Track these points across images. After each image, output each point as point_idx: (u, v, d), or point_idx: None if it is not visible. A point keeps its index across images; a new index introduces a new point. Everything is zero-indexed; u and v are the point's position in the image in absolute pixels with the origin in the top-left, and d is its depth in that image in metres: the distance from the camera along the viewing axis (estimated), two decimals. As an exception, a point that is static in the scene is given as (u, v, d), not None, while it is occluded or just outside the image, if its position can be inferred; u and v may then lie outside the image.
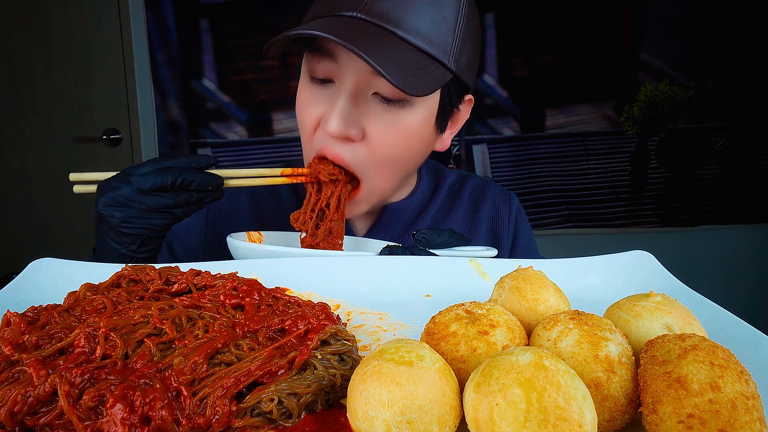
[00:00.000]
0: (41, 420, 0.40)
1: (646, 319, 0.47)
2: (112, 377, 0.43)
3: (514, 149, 2.67)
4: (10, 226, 2.86)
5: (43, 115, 2.73)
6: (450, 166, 2.67)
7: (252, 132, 2.61)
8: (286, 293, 0.62)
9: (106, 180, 0.80)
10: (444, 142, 0.97)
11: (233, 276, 0.64)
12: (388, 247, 0.79)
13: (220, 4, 2.51)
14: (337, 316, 0.60)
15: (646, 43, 2.57)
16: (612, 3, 2.53)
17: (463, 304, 0.49)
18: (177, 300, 0.57)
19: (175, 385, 0.43)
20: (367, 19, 0.79)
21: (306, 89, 0.88)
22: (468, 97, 0.96)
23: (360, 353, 0.55)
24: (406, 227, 1.04)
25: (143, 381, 0.43)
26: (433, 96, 0.87)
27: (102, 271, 0.69)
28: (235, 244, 0.78)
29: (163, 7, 2.51)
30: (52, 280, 0.68)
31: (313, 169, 0.87)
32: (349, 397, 0.41)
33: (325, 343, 0.51)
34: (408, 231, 1.04)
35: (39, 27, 2.65)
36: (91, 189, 0.82)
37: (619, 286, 0.70)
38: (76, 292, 0.59)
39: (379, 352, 0.41)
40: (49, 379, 0.41)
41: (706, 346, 0.39)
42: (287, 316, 0.54)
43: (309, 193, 0.89)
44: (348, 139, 0.85)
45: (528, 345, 0.47)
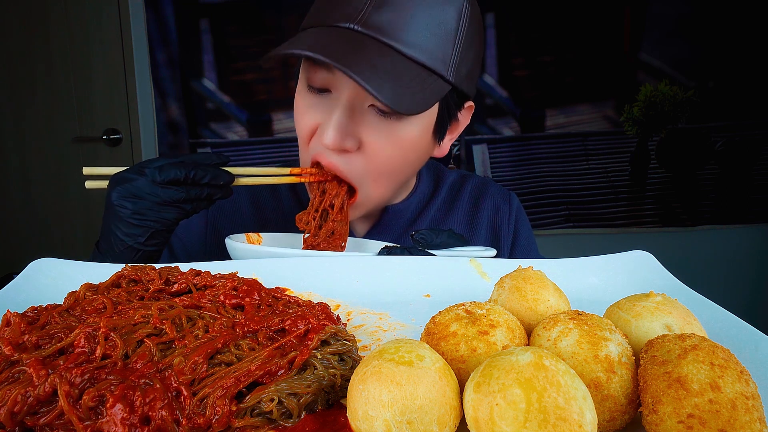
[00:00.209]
0: (41, 420, 0.40)
1: (646, 319, 0.47)
2: (112, 377, 0.43)
3: (514, 149, 2.67)
4: (10, 226, 2.86)
5: (43, 115, 2.73)
6: (450, 166, 2.67)
7: (252, 132, 2.61)
8: (286, 293, 0.62)
9: (119, 172, 0.81)
10: (443, 148, 0.97)
11: (233, 276, 0.64)
12: (386, 247, 0.79)
13: (220, 4, 2.51)
14: (337, 316, 0.60)
15: (646, 43, 2.57)
16: (612, 3, 2.53)
17: (463, 304, 0.49)
18: (177, 300, 0.57)
19: (175, 385, 0.43)
20: (364, 31, 0.77)
21: (303, 97, 0.88)
22: (468, 103, 0.95)
23: (360, 353, 0.55)
24: (406, 228, 1.04)
25: (143, 381, 0.43)
26: (431, 107, 0.86)
27: (102, 271, 0.69)
28: (234, 245, 0.78)
29: (163, 7, 2.51)
30: (52, 280, 0.68)
31: (320, 189, 0.88)
32: (349, 397, 0.41)
33: (325, 343, 0.51)
34: (408, 231, 1.04)
35: (39, 27, 2.65)
36: (103, 185, 0.83)
37: (619, 286, 0.70)
38: (76, 292, 0.59)
39: (379, 352, 0.41)
40: (49, 379, 0.41)
41: (706, 346, 0.39)
42: (287, 316, 0.54)
43: (314, 194, 0.89)
44: (344, 151, 0.85)
45: (528, 345, 0.47)
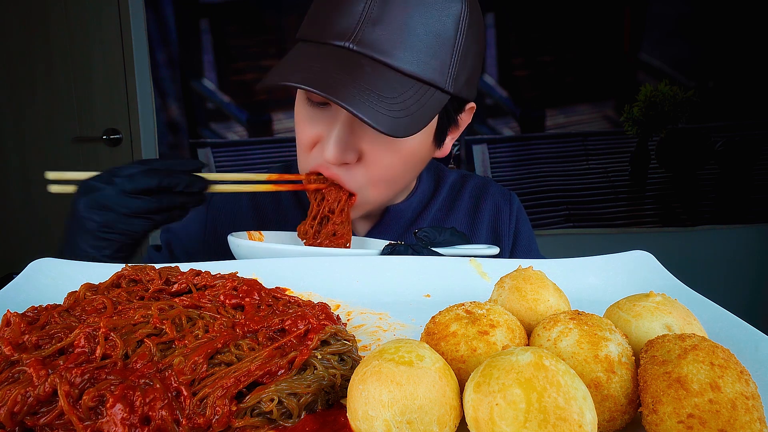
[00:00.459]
0: (41, 420, 0.40)
1: (646, 319, 0.47)
2: (112, 377, 0.43)
3: (514, 149, 2.67)
4: (10, 226, 2.86)
5: (43, 115, 2.73)
6: (450, 166, 2.67)
7: (252, 132, 2.61)
8: (286, 293, 0.62)
9: (88, 180, 0.77)
10: (444, 150, 0.97)
11: (233, 276, 0.64)
12: (390, 245, 0.78)
13: (220, 4, 2.51)
14: (337, 316, 0.60)
15: (646, 43, 2.57)
16: (612, 3, 2.53)
17: (463, 304, 0.49)
18: (177, 300, 0.57)
19: (175, 385, 0.43)
20: (359, 50, 0.76)
21: (303, 108, 0.88)
22: (469, 105, 0.93)
23: (360, 353, 0.55)
24: (406, 228, 1.04)
25: (143, 381, 0.43)
26: None
27: (102, 271, 0.69)
28: (237, 242, 0.78)
29: (163, 7, 2.51)
30: (52, 280, 0.68)
31: (321, 195, 0.88)
32: (349, 397, 0.41)
33: (325, 343, 0.51)
34: (409, 231, 1.04)
35: (39, 27, 2.64)
36: (69, 189, 0.79)
37: (619, 286, 0.70)
38: (76, 292, 0.59)
39: (379, 352, 0.41)
40: (49, 379, 0.41)
41: (706, 346, 0.39)
42: (287, 316, 0.54)
43: (313, 202, 0.89)
44: (344, 164, 0.85)
45: (528, 345, 0.47)
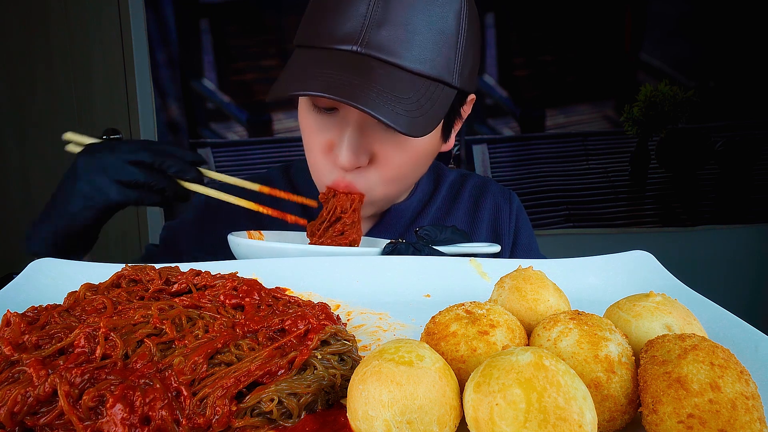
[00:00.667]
0: (41, 420, 0.40)
1: (646, 319, 0.47)
2: (112, 377, 0.43)
3: (514, 149, 2.67)
4: (10, 226, 2.86)
5: (43, 115, 2.73)
6: (450, 166, 2.67)
7: (252, 132, 2.61)
8: (286, 293, 0.62)
9: (93, 143, 0.82)
10: (449, 143, 0.98)
11: (233, 276, 0.64)
12: (391, 242, 0.79)
13: (220, 4, 2.51)
14: (337, 316, 0.60)
15: (647, 42, 2.57)
16: (612, 3, 2.53)
17: (463, 304, 0.49)
18: (177, 300, 0.57)
19: (175, 385, 0.43)
20: (367, 53, 0.76)
21: (310, 116, 0.87)
22: (470, 97, 0.95)
23: (360, 353, 0.55)
24: (406, 227, 1.04)
25: (143, 381, 0.43)
26: None
27: (102, 271, 0.69)
28: (237, 241, 0.78)
29: (163, 7, 2.51)
30: (52, 280, 0.68)
31: (333, 200, 0.88)
32: (349, 397, 0.41)
33: (325, 343, 0.51)
34: (409, 231, 1.04)
35: (39, 27, 2.64)
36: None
37: (619, 286, 0.70)
38: (76, 292, 0.59)
39: (379, 352, 0.41)
40: (49, 379, 0.41)
41: (706, 346, 0.39)
42: (287, 316, 0.54)
43: (326, 207, 0.89)
44: (357, 167, 0.85)
45: (528, 345, 0.47)
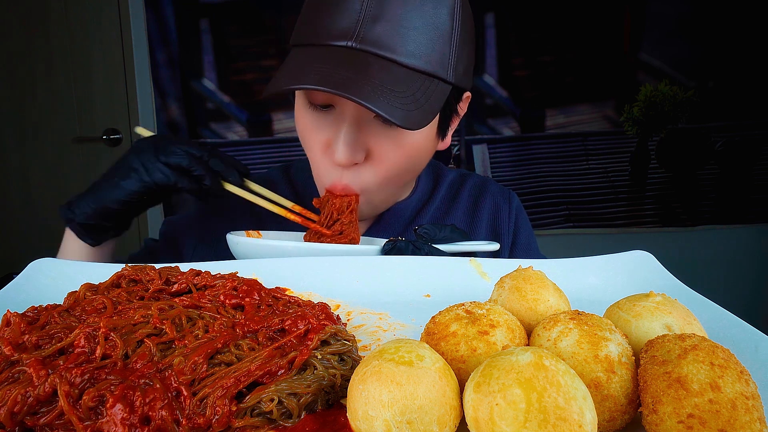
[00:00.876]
0: (41, 420, 0.40)
1: (646, 319, 0.47)
2: (112, 377, 0.43)
3: (514, 149, 2.67)
4: (10, 226, 2.86)
5: (43, 115, 2.73)
6: (450, 166, 2.67)
7: (252, 132, 2.61)
8: (286, 293, 0.62)
9: (145, 137, 0.89)
10: (446, 142, 0.97)
11: (233, 276, 0.64)
12: (390, 240, 0.78)
13: (220, 4, 2.51)
14: (337, 316, 0.60)
15: (646, 43, 2.57)
16: (611, 3, 2.53)
17: (463, 304, 0.49)
18: (177, 300, 0.57)
19: (175, 385, 0.43)
20: (362, 48, 0.76)
21: (306, 114, 0.87)
22: (466, 95, 0.95)
23: (360, 353, 0.55)
24: (405, 227, 1.04)
25: (143, 381, 0.43)
26: None
27: (102, 271, 0.69)
28: (236, 240, 0.78)
29: (163, 7, 2.51)
30: (52, 280, 0.68)
31: (328, 204, 0.88)
32: (349, 397, 0.41)
33: (325, 343, 0.51)
34: (408, 230, 1.04)
35: (39, 27, 2.64)
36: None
37: (619, 286, 0.70)
38: (76, 292, 0.59)
39: (379, 352, 0.41)
40: (49, 379, 0.41)
41: (706, 346, 0.39)
42: (287, 316, 0.54)
43: (323, 212, 0.89)
44: (353, 164, 0.85)
45: (528, 345, 0.47)
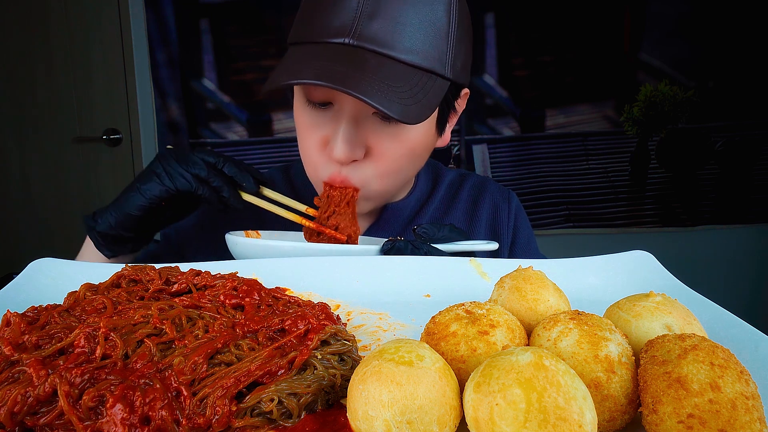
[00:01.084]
0: (41, 420, 0.40)
1: (646, 319, 0.47)
2: (112, 377, 0.43)
3: (514, 149, 2.67)
4: (10, 226, 2.86)
5: (43, 115, 2.73)
6: (450, 166, 2.67)
7: (252, 132, 2.61)
8: (286, 293, 0.62)
9: (171, 148, 0.88)
10: (444, 138, 0.97)
11: (233, 276, 0.64)
12: (390, 240, 0.79)
13: (220, 4, 2.51)
14: (337, 316, 0.60)
15: (646, 43, 2.57)
16: (612, 3, 2.53)
17: (463, 304, 0.49)
18: (177, 300, 0.57)
19: (175, 385, 0.43)
20: (360, 45, 0.76)
21: (305, 112, 0.87)
22: (464, 91, 0.95)
23: (360, 353, 0.55)
24: (404, 226, 1.04)
25: (143, 381, 0.43)
26: None
27: (102, 271, 0.69)
28: (234, 240, 0.78)
29: (163, 7, 2.51)
30: (52, 280, 0.68)
31: (327, 198, 0.88)
32: (349, 397, 0.41)
33: (325, 343, 0.51)
34: (407, 230, 1.04)
35: (39, 27, 2.64)
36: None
37: (619, 286, 0.70)
38: (76, 292, 0.59)
39: (379, 352, 0.41)
40: (49, 379, 0.41)
41: (706, 346, 0.39)
42: (287, 316, 0.54)
43: (321, 207, 0.89)
44: (353, 161, 0.85)
45: (528, 345, 0.47)
